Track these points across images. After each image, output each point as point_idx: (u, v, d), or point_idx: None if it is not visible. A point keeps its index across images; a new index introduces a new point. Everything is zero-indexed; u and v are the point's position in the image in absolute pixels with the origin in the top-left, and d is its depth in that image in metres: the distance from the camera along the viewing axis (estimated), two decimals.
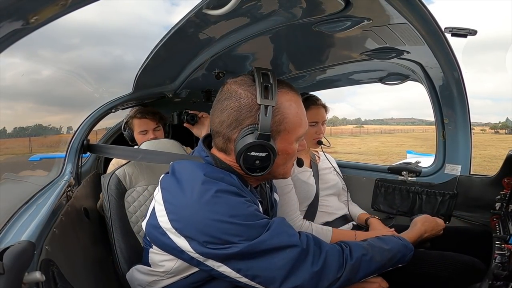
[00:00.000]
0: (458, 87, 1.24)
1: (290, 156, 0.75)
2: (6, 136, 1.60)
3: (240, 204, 0.66)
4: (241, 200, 0.67)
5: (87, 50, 37.37)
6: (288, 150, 0.73)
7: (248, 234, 0.63)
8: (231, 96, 0.71)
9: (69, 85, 1.68)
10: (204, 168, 0.71)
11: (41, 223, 0.74)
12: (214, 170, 0.72)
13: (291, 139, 0.72)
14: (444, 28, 0.95)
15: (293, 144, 0.74)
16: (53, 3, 0.40)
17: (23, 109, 1.93)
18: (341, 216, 1.39)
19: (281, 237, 0.65)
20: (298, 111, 0.72)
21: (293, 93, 0.74)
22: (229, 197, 0.65)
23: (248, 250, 0.62)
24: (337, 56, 1.32)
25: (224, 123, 0.71)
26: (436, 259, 0.99)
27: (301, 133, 0.74)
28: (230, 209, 0.64)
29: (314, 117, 1.36)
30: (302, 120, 0.73)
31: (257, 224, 0.64)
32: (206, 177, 0.67)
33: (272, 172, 0.75)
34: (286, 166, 0.78)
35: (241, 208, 0.65)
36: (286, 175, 0.79)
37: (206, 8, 0.75)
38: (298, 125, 0.72)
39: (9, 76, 1.20)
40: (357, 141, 26.53)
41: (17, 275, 0.44)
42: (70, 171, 1.32)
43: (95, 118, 1.45)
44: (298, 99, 0.75)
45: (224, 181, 0.69)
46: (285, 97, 0.71)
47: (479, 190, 1.31)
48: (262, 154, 0.67)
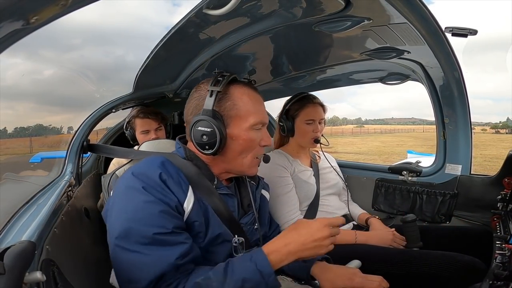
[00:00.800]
0: (458, 87, 1.24)
1: (247, 144, 0.80)
2: (7, 136, 1.61)
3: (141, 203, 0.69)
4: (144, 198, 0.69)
5: (89, 51, 37.50)
6: (242, 136, 0.79)
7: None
8: (196, 90, 0.83)
9: (70, 85, 1.69)
10: (150, 163, 0.76)
11: (42, 223, 0.74)
12: (168, 163, 0.77)
13: (244, 126, 0.79)
14: (444, 28, 0.95)
15: (248, 132, 0.79)
16: (53, 3, 0.40)
17: (24, 109, 1.94)
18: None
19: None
20: (250, 102, 0.80)
21: (251, 90, 0.82)
22: (134, 194, 0.70)
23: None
24: (337, 56, 1.32)
25: (188, 111, 0.82)
26: (437, 259, 0.99)
27: (254, 122, 0.79)
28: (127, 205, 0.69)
29: (310, 115, 1.36)
30: (253, 110, 0.80)
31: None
32: (131, 175, 0.73)
33: (233, 162, 0.81)
34: (246, 157, 0.82)
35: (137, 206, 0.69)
36: (249, 169, 0.83)
37: (206, 8, 0.76)
38: (249, 113, 0.79)
39: (10, 76, 1.21)
40: (357, 141, 26.51)
41: (17, 275, 0.44)
42: (71, 171, 1.32)
43: (95, 118, 1.45)
44: (255, 95, 0.83)
45: (150, 177, 0.71)
46: (239, 90, 0.80)
47: (479, 190, 1.31)
48: (207, 129, 0.75)
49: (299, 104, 1.39)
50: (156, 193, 0.69)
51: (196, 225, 0.74)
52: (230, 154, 0.80)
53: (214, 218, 0.78)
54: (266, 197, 1.03)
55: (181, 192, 0.73)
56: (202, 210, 0.76)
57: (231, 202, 0.85)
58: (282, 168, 1.33)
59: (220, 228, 0.78)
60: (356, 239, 1.23)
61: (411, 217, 1.19)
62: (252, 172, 0.85)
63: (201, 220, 0.75)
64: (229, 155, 0.80)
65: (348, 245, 1.22)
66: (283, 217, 1.25)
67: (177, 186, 0.73)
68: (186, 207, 0.73)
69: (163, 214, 0.68)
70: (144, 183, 0.70)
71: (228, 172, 0.86)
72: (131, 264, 0.66)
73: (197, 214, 0.74)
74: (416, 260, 1.02)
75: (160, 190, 0.70)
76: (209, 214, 0.77)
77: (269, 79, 1.62)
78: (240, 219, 0.87)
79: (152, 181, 0.71)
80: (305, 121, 1.36)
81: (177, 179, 0.75)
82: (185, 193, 0.74)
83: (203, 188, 0.79)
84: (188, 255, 0.69)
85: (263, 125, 0.83)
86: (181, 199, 0.73)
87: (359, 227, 1.39)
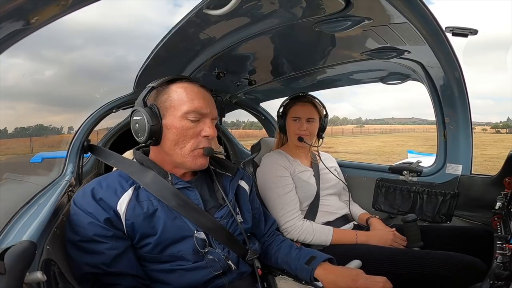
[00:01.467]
0: (459, 87, 1.24)
1: (180, 133, 0.82)
2: (7, 137, 1.61)
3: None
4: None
5: (90, 51, 37.61)
6: (175, 124, 0.82)
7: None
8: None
9: (71, 85, 1.69)
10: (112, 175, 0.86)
11: (43, 223, 0.74)
12: (111, 175, 0.86)
13: (176, 114, 0.82)
14: (444, 28, 0.95)
15: (181, 121, 0.82)
16: (53, 3, 0.40)
17: (25, 109, 1.95)
18: (342, 216, 1.39)
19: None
20: (184, 93, 0.84)
21: (190, 84, 0.86)
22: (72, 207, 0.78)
23: None
24: (338, 56, 1.32)
25: None
26: (437, 259, 0.99)
27: (187, 110, 0.82)
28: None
29: (296, 112, 1.40)
30: (187, 100, 0.83)
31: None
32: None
33: (172, 152, 0.84)
34: (184, 147, 0.83)
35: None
36: (192, 161, 0.84)
37: (206, 8, 0.76)
38: (182, 102, 0.83)
39: (12, 76, 1.21)
40: (358, 141, 26.49)
41: (18, 275, 0.44)
42: (71, 171, 1.32)
43: (96, 118, 1.45)
44: (193, 88, 0.85)
45: (85, 193, 0.78)
46: (176, 85, 0.85)
47: (480, 190, 1.31)
48: (138, 117, 0.82)
49: (291, 102, 1.43)
50: (86, 207, 0.76)
51: (137, 223, 0.77)
52: (167, 144, 0.83)
53: (166, 214, 0.80)
54: (245, 188, 1.02)
55: (113, 196, 0.78)
56: (145, 207, 0.79)
57: (192, 195, 0.85)
58: (282, 168, 1.33)
59: (173, 225, 0.80)
60: (356, 239, 1.23)
61: (412, 217, 1.19)
62: (196, 164, 0.84)
63: (141, 218, 0.77)
64: (166, 145, 0.83)
65: (348, 245, 1.22)
66: (283, 217, 1.25)
67: (110, 191, 0.78)
68: (120, 209, 0.77)
69: (89, 225, 0.74)
70: (77, 200, 0.78)
71: (177, 166, 0.87)
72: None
73: (134, 213, 0.77)
74: (417, 260, 1.02)
75: (90, 204, 0.76)
76: (158, 211, 0.79)
77: (269, 79, 1.63)
78: (215, 213, 0.87)
79: (85, 197, 0.77)
80: (291, 118, 1.40)
81: (113, 185, 0.80)
82: (119, 195, 0.78)
83: (154, 186, 0.81)
84: (110, 265, 0.73)
85: (202, 116, 0.84)
86: (112, 202, 0.77)
87: (360, 227, 1.39)
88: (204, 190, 0.91)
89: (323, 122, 1.44)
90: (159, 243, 0.78)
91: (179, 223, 0.81)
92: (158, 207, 0.80)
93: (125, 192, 0.79)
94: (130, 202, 0.78)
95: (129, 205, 0.77)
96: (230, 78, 1.52)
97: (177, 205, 0.80)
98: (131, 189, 0.80)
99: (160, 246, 0.78)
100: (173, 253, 0.79)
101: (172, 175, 0.85)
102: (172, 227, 0.79)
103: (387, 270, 1.04)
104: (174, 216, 0.81)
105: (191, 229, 0.81)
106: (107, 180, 0.82)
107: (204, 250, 0.81)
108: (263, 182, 1.34)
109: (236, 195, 0.97)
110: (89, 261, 0.73)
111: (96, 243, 0.74)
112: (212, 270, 0.80)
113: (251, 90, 1.85)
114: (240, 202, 0.98)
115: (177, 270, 0.79)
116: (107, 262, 0.73)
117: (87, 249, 0.74)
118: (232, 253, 0.86)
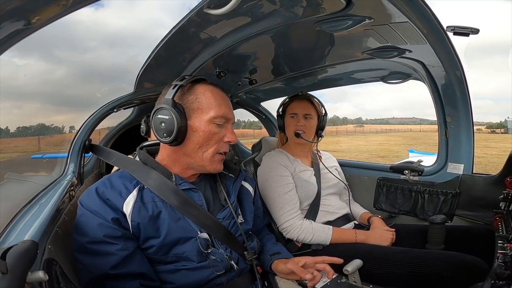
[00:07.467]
0: (460, 86, 1.24)
1: (206, 137, 0.82)
2: (10, 136, 1.62)
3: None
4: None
5: (102, 52, 37.63)
6: (202, 128, 0.82)
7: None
8: (165, 87, 0.87)
9: (80, 85, 1.69)
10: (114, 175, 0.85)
11: (44, 223, 0.74)
12: (115, 176, 0.84)
13: (204, 118, 0.82)
14: (446, 27, 0.94)
15: (209, 125, 0.82)
16: (54, 3, 0.40)
17: (30, 109, 1.95)
18: (342, 215, 1.39)
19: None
20: (212, 97, 0.83)
21: (215, 88, 0.86)
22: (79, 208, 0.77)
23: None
24: (339, 55, 1.32)
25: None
26: (439, 259, 0.99)
27: (214, 115, 0.82)
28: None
29: (294, 109, 1.42)
30: (215, 104, 0.83)
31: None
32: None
33: (194, 155, 0.83)
34: (207, 151, 0.83)
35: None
36: (211, 165, 0.84)
37: (207, 8, 0.76)
38: (211, 107, 0.82)
39: (22, 77, 1.22)
40: (344, 140, 26.48)
41: (20, 275, 0.44)
42: (73, 171, 1.32)
43: (97, 118, 1.45)
44: (218, 92, 0.86)
45: (90, 193, 0.78)
46: (203, 87, 0.84)
47: (481, 189, 1.30)
48: (165, 116, 0.79)
49: (289, 100, 1.46)
50: (94, 207, 0.75)
51: (143, 224, 0.77)
52: (190, 146, 0.82)
53: (170, 216, 0.79)
54: (248, 190, 1.03)
55: (119, 197, 0.77)
56: (150, 209, 0.78)
57: (196, 196, 0.85)
58: (282, 167, 1.33)
59: (177, 226, 0.80)
60: (356, 238, 1.23)
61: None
62: (214, 168, 0.86)
63: (146, 219, 0.77)
64: (189, 147, 0.83)
65: (349, 244, 1.22)
66: (283, 216, 1.25)
67: (115, 192, 0.78)
68: (126, 210, 0.76)
69: (98, 226, 0.73)
70: (83, 201, 0.77)
71: (190, 167, 0.87)
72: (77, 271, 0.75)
73: (139, 214, 0.77)
74: (418, 260, 1.02)
75: (97, 204, 0.76)
76: (162, 213, 0.79)
77: (270, 78, 1.62)
78: (217, 214, 0.88)
79: (91, 197, 0.77)
80: (289, 115, 1.42)
81: (118, 187, 0.79)
82: (124, 197, 0.77)
83: (156, 185, 0.81)
84: (120, 267, 0.72)
85: (226, 121, 0.85)
86: (119, 204, 0.76)
87: (361, 226, 1.39)
88: (208, 191, 0.91)
89: (322, 120, 1.44)
90: (163, 245, 0.78)
91: (183, 224, 0.81)
92: (162, 208, 0.80)
93: (130, 193, 0.79)
94: (135, 204, 0.77)
95: (135, 206, 0.77)
96: (231, 78, 1.52)
97: (179, 204, 0.80)
98: (135, 190, 0.80)
99: (164, 248, 0.79)
100: (178, 253, 0.80)
101: (177, 175, 0.85)
102: (176, 228, 0.79)
103: (388, 270, 1.04)
104: (178, 217, 0.81)
105: (195, 230, 0.81)
106: (111, 181, 0.81)
107: (207, 251, 0.81)
108: (264, 181, 1.34)
109: (239, 196, 0.98)
110: (99, 263, 0.72)
111: (107, 244, 0.73)
112: (214, 270, 0.81)
113: (252, 90, 1.84)
114: (243, 203, 0.99)
115: (181, 270, 0.79)
116: (118, 264, 0.72)
117: (97, 251, 0.72)
118: (234, 253, 0.87)
